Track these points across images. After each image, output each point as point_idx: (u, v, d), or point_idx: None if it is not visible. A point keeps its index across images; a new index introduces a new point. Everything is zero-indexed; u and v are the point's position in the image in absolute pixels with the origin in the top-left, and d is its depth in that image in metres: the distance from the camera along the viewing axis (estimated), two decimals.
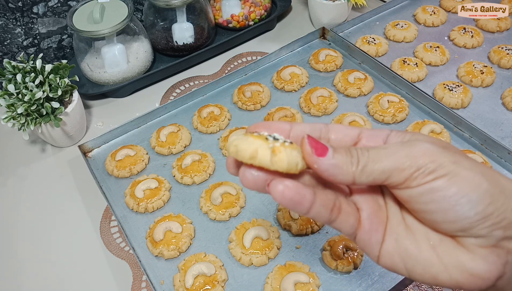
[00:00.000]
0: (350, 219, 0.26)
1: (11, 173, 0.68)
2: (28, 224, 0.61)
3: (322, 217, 0.25)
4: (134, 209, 0.59)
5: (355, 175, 0.24)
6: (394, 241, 0.26)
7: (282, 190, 0.23)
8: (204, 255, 0.53)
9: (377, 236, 0.26)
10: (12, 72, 0.61)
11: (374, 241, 0.26)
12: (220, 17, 0.86)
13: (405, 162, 0.24)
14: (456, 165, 0.23)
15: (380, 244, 0.26)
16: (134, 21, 0.75)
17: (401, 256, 0.25)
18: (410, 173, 0.23)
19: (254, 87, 0.74)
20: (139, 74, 0.78)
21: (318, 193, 0.25)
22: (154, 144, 0.67)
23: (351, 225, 0.26)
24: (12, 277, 0.55)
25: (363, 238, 0.26)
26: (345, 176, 0.24)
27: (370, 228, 0.26)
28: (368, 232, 0.26)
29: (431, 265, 0.24)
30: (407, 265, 0.25)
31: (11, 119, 0.60)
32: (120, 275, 0.54)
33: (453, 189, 0.23)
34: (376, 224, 0.26)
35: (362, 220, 0.26)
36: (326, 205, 0.25)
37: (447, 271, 0.24)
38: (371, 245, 0.26)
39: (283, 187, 0.23)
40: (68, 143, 0.70)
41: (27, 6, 0.75)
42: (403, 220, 0.26)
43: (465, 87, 0.71)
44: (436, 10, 0.87)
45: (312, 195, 0.24)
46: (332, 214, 0.25)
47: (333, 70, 0.78)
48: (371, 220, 0.26)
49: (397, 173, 0.24)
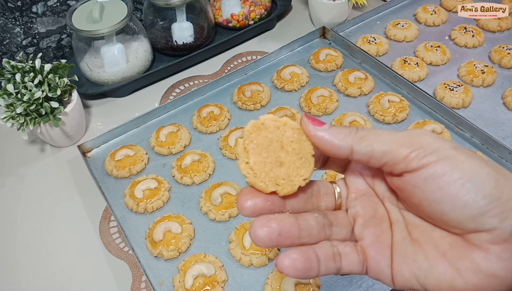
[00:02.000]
0: (353, 257, 0.26)
1: (10, 172, 0.67)
2: (27, 224, 0.60)
3: (331, 270, 0.25)
4: (134, 209, 0.59)
5: (353, 142, 0.24)
6: (402, 259, 0.25)
7: (292, 263, 0.23)
8: (203, 256, 0.53)
9: (385, 260, 0.25)
10: (11, 71, 0.61)
11: (384, 265, 0.25)
12: (220, 17, 0.86)
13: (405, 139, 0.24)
14: (456, 150, 0.23)
15: (390, 267, 0.25)
16: (134, 21, 0.75)
17: (412, 272, 0.25)
18: (409, 150, 0.23)
19: (254, 87, 0.73)
20: (139, 73, 0.77)
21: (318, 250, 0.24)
22: (153, 144, 0.66)
23: (358, 262, 0.26)
24: (11, 277, 0.55)
25: (373, 268, 0.26)
26: (343, 141, 0.24)
27: (376, 255, 0.25)
28: (375, 260, 0.25)
29: (444, 273, 0.24)
30: (419, 279, 0.24)
31: (10, 119, 0.60)
32: (119, 276, 0.54)
33: (456, 173, 0.22)
34: (382, 249, 0.26)
35: (366, 248, 0.26)
36: (329, 257, 0.25)
37: (461, 276, 0.23)
38: (382, 272, 0.25)
39: (291, 260, 0.23)
40: (67, 143, 0.69)
41: (26, 6, 0.74)
42: (408, 234, 0.26)
43: (466, 87, 0.71)
44: (437, 10, 0.87)
45: (316, 254, 0.24)
46: (336, 262, 0.25)
47: (333, 70, 0.78)
48: (375, 246, 0.26)
49: (395, 148, 0.23)
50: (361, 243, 0.26)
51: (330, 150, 0.25)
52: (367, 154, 0.24)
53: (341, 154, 0.25)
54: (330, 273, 0.25)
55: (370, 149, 0.24)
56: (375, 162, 0.25)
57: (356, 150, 0.24)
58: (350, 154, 0.25)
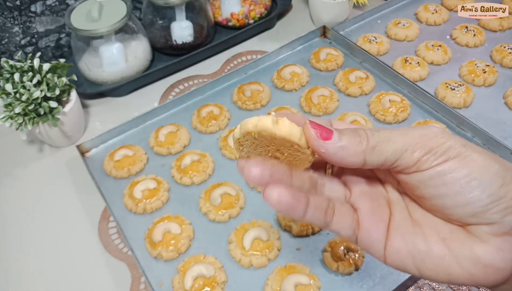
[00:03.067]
0: (346, 219, 0.26)
1: (8, 173, 0.67)
2: (26, 224, 0.60)
3: (318, 219, 0.25)
4: (133, 210, 0.58)
5: (366, 154, 0.24)
6: (400, 238, 0.25)
7: (278, 195, 0.23)
8: (203, 256, 0.53)
9: (377, 234, 0.25)
10: (10, 71, 0.61)
11: (375, 239, 0.25)
12: (220, 16, 0.85)
13: (417, 143, 0.23)
14: (466, 147, 0.23)
15: (383, 242, 0.25)
16: (133, 20, 0.75)
17: (410, 252, 0.24)
18: (422, 154, 0.23)
19: (254, 87, 0.73)
20: (138, 73, 0.77)
21: (311, 197, 0.24)
22: (152, 144, 0.66)
23: (349, 226, 0.26)
24: (9, 278, 0.55)
25: (364, 237, 0.25)
26: (355, 157, 0.24)
27: (369, 226, 0.25)
28: (367, 230, 0.25)
29: (442, 257, 0.24)
30: (416, 261, 0.24)
31: (9, 119, 0.60)
32: (118, 277, 0.54)
33: (463, 171, 0.22)
34: (376, 222, 0.25)
35: (360, 219, 0.26)
36: (320, 208, 0.25)
37: (459, 263, 0.23)
38: (372, 245, 0.25)
39: (278, 193, 0.23)
40: (66, 143, 0.69)
41: (25, 5, 0.74)
42: (409, 215, 0.26)
43: (467, 87, 0.70)
44: (438, 9, 0.87)
45: (306, 198, 0.24)
46: (327, 216, 0.25)
47: (334, 69, 0.77)
48: (369, 218, 0.25)
49: (408, 154, 0.23)
50: (357, 212, 0.26)
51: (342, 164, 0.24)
52: (379, 163, 0.24)
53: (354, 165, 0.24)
54: (317, 223, 0.25)
55: (383, 158, 0.24)
56: (386, 167, 0.24)
57: (368, 161, 0.24)
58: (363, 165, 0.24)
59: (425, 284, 0.51)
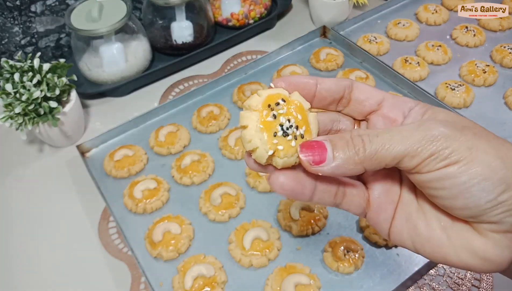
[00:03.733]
0: (356, 200, 0.26)
1: (9, 173, 0.67)
2: (25, 224, 0.60)
3: (326, 202, 0.26)
4: (133, 210, 0.58)
5: (364, 164, 0.23)
6: (404, 219, 0.26)
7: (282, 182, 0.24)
8: (203, 257, 0.53)
9: (385, 214, 0.26)
10: (10, 71, 0.61)
11: (383, 219, 0.26)
12: (220, 16, 0.85)
13: (417, 148, 0.23)
14: (471, 151, 0.22)
15: (389, 222, 0.26)
16: (133, 20, 0.75)
17: (410, 234, 0.25)
18: (422, 159, 0.22)
19: (254, 87, 0.73)
20: (138, 73, 0.77)
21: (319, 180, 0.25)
22: (152, 144, 0.66)
23: (358, 206, 0.27)
24: (9, 279, 0.55)
25: (373, 216, 0.27)
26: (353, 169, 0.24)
27: (379, 207, 0.26)
28: (377, 211, 0.26)
29: (440, 245, 0.24)
30: (416, 244, 0.25)
31: (9, 119, 0.60)
32: (118, 277, 0.54)
33: (464, 177, 0.22)
34: (385, 204, 0.26)
35: (372, 199, 0.26)
36: (328, 191, 0.25)
37: (456, 253, 0.24)
38: (380, 223, 0.26)
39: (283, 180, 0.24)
40: (66, 143, 0.69)
41: (25, 5, 0.74)
42: (415, 199, 0.26)
43: (468, 87, 0.70)
44: (438, 9, 0.87)
45: (313, 183, 0.25)
46: (336, 198, 0.26)
47: (334, 70, 0.77)
48: (380, 199, 0.26)
49: (408, 159, 0.23)
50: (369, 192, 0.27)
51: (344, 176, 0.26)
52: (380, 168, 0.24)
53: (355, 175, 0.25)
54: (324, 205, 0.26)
55: (383, 164, 0.23)
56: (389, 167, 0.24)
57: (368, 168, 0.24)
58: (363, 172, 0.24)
59: (425, 284, 0.51)
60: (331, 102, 0.28)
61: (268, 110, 0.25)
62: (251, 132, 0.24)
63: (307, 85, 0.27)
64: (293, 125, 0.24)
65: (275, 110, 0.24)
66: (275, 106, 0.25)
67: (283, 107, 0.25)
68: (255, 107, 0.25)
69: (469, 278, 0.51)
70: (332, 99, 0.28)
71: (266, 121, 0.24)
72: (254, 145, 0.24)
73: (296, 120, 0.25)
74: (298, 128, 0.25)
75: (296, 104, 0.25)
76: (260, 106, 0.25)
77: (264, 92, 0.25)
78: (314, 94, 0.27)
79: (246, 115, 0.25)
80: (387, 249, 0.53)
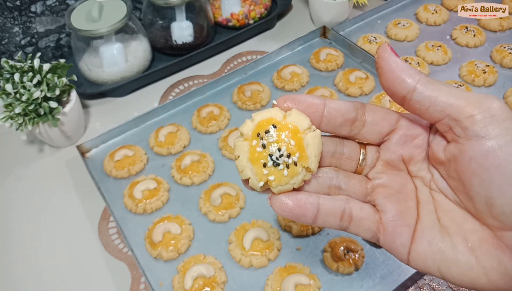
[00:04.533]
0: (365, 223, 0.25)
1: (9, 173, 0.67)
2: (25, 224, 0.60)
3: (332, 225, 0.25)
4: (133, 210, 0.58)
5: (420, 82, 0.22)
6: (426, 243, 0.24)
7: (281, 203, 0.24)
8: (203, 257, 0.53)
9: (402, 239, 0.24)
10: (10, 71, 0.61)
11: (399, 244, 0.24)
12: (220, 16, 0.85)
13: (474, 99, 0.21)
14: None
15: (408, 247, 0.24)
16: (133, 20, 0.75)
17: (435, 259, 0.23)
18: (478, 111, 0.21)
19: (254, 87, 0.73)
20: (138, 73, 0.77)
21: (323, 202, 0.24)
22: (152, 145, 0.66)
23: (367, 230, 0.25)
24: (9, 279, 0.55)
25: (387, 241, 0.25)
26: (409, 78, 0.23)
27: (394, 230, 0.24)
28: (391, 234, 0.25)
29: (469, 268, 0.23)
30: (441, 268, 0.23)
31: (9, 119, 0.60)
32: (118, 277, 0.54)
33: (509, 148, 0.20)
34: (401, 227, 0.24)
35: (385, 222, 0.25)
36: (333, 214, 0.24)
37: (486, 275, 0.22)
38: (396, 248, 0.25)
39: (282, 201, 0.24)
40: (66, 143, 0.69)
41: (25, 5, 0.74)
42: (437, 220, 0.25)
43: (468, 87, 0.70)
44: (438, 9, 0.87)
45: (315, 205, 0.24)
46: (343, 222, 0.25)
47: (334, 70, 0.77)
48: (394, 222, 0.25)
49: (462, 104, 0.21)
50: (380, 215, 0.25)
51: (393, 80, 0.23)
52: (430, 98, 0.22)
53: (401, 89, 0.23)
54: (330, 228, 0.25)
55: (435, 94, 0.22)
56: (434, 112, 0.22)
57: (419, 90, 0.22)
58: (410, 92, 0.23)
59: (425, 284, 0.51)
60: (343, 123, 0.25)
61: (258, 139, 0.24)
62: (243, 163, 0.24)
63: (314, 105, 0.25)
64: (284, 154, 0.24)
65: (265, 139, 0.24)
66: (265, 134, 0.24)
67: (273, 136, 0.24)
68: (246, 136, 0.25)
69: None
70: (343, 120, 0.25)
71: (255, 153, 0.24)
72: (246, 176, 0.24)
73: (287, 148, 0.24)
74: (291, 156, 0.24)
75: (290, 128, 0.24)
76: (250, 135, 0.24)
77: (257, 116, 0.25)
78: (322, 114, 0.25)
79: (238, 145, 0.25)
80: None
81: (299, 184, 0.24)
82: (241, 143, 0.25)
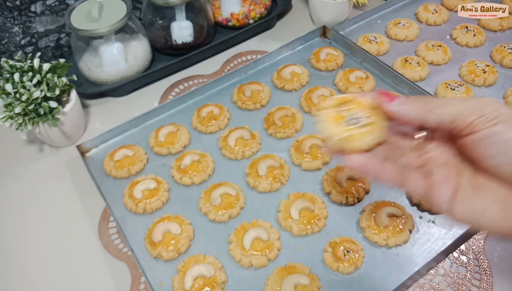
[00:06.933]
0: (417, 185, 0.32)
1: (8, 173, 0.67)
2: (26, 224, 0.60)
3: (391, 183, 0.33)
4: (133, 210, 0.58)
5: (424, 113, 0.30)
6: (464, 199, 0.30)
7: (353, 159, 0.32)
8: (203, 257, 0.53)
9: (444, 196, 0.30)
10: (10, 71, 0.61)
11: (443, 201, 0.31)
12: (220, 16, 0.85)
13: (471, 108, 0.28)
14: None
15: (449, 203, 0.30)
16: (133, 20, 0.75)
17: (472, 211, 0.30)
18: (475, 117, 0.28)
19: (254, 87, 0.73)
20: (138, 73, 0.77)
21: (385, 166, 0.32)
22: (152, 144, 0.66)
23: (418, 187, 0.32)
24: (9, 279, 0.55)
25: (433, 198, 0.31)
26: (414, 113, 0.30)
27: (439, 190, 0.31)
28: (437, 194, 0.31)
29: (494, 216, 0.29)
30: (476, 218, 0.29)
31: (9, 119, 0.60)
32: (118, 277, 0.54)
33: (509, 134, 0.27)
34: (445, 187, 0.30)
35: (433, 183, 0.31)
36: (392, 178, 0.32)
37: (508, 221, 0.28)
38: (439, 205, 0.31)
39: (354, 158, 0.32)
40: (66, 143, 0.69)
41: (25, 5, 0.74)
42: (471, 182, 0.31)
43: (467, 87, 0.70)
44: (438, 9, 0.87)
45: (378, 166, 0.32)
46: (399, 182, 0.32)
47: (334, 69, 0.77)
48: (440, 183, 0.31)
49: (463, 117, 0.28)
50: (430, 178, 0.31)
51: (405, 120, 0.31)
52: (438, 123, 0.29)
53: (414, 122, 0.31)
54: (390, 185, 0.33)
55: (440, 118, 0.29)
56: (445, 128, 0.30)
57: (428, 120, 0.30)
58: (422, 123, 0.30)
59: (425, 283, 0.51)
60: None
61: (339, 108, 0.33)
62: (325, 124, 0.32)
63: None
64: (360, 121, 0.32)
65: (343, 106, 0.33)
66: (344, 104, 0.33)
67: (350, 108, 0.33)
68: (327, 106, 0.33)
69: (469, 278, 0.51)
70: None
71: (336, 116, 0.32)
72: (327, 133, 0.32)
73: (362, 116, 0.32)
74: (363, 119, 0.32)
75: (364, 104, 0.33)
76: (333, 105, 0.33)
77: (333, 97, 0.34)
78: None
79: (321, 113, 0.33)
80: (387, 249, 0.53)
81: (370, 146, 0.32)
82: (324, 111, 0.33)
